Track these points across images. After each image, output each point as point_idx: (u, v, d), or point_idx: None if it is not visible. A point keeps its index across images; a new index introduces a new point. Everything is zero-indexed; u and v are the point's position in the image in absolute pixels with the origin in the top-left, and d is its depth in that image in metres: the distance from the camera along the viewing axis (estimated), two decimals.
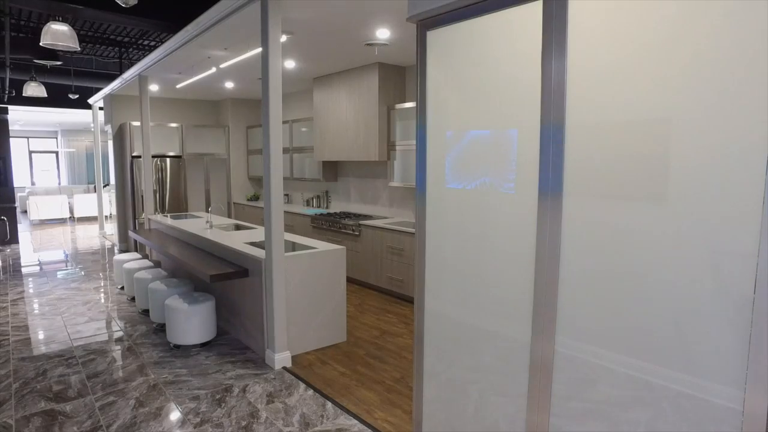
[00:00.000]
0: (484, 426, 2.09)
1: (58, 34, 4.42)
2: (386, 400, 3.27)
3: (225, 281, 4.52)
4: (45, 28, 4.40)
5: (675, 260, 1.45)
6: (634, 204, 1.53)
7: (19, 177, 15.56)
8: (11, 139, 9.96)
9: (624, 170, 1.55)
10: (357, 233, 6.08)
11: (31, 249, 9.13)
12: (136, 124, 8.14)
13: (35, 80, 7.98)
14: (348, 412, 3.12)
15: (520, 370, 1.91)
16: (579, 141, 1.66)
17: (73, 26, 6.46)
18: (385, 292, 5.85)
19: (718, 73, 1.34)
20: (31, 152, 17.33)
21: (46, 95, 8.05)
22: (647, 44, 1.47)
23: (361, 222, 6.00)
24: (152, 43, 8.49)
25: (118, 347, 4.24)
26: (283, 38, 4.64)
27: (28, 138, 17.17)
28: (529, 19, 1.76)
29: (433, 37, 2.15)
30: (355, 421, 3.00)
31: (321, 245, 4.38)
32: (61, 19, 4.60)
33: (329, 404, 3.22)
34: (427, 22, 2.15)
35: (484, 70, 1.98)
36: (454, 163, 2.13)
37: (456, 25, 2.05)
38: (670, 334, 1.47)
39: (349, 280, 6.32)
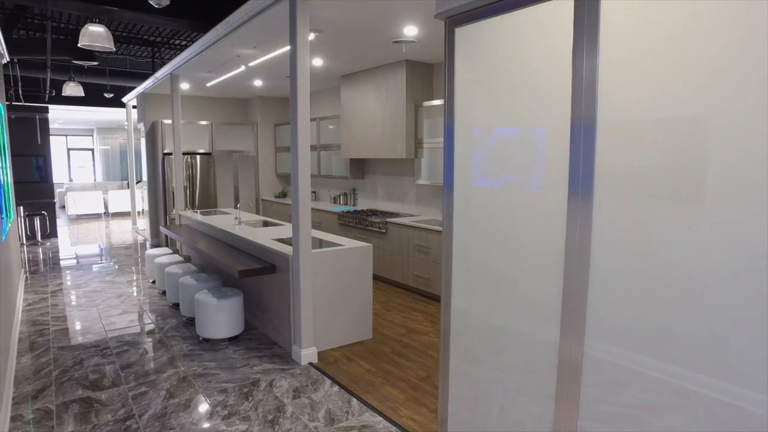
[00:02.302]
0: (510, 427, 2.07)
1: (95, 35, 4.56)
2: (411, 398, 3.27)
3: (253, 277, 4.59)
4: (83, 30, 4.55)
5: (710, 261, 1.40)
6: (667, 203, 1.49)
7: (58, 173, 16.11)
8: (51, 137, 10.32)
9: (657, 169, 1.51)
10: (384, 231, 6.09)
11: (69, 243, 9.45)
12: (168, 122, 8.33)
13: (73, 80, 8.25)
14: (373, 409, 3.13)
15: (548, 371, 1.88)
16: (611, 138, 1.62)
17: (108, 27, 6.65)
18: (412, 290, 5.85)
19: (755, 67, 1.28)
20: (69, 149, 17.93)
21: (83, 94, 8.31)
22: (681, 38, 1.43)
23: (388, 220, 6.01)
24: (183, 43, 8.67)
25: (150, 339, 4.35)
26: (312, 36, 4.67)
27: (66, 136, 17.77)
28: (560, 14, 1.73)
29: (462, 34, 2.13)
30: (380, 418, 3.01)
31: (348, 242, 4.41)
32: (97, 20, 4.74)
33: (354, 401, 3.24)
34: (456, 19, 2.13)
35: (513, 66, 1.95)
36: (481, 161, 2.11)
37: (485, 21, 2.03)
38: (705, 338, 1.43)
39: (376, 278, 6.34)
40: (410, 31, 4.52)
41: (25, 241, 9.44)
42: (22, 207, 9.36)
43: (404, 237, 5.77)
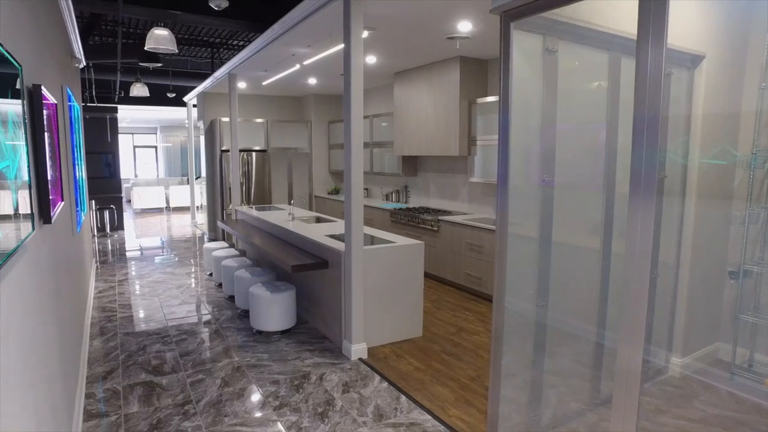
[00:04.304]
0: None
1: (159, 38, 4.79)
2: (461, 398, 3.24)
3: (305, 272, 4.68)
4: (149, 34, 4.78)
5: None
6: (737, 204, 1.40)
7: (125, 169, 17.04)
8: (119, 136, 10.93)
9: (723, 168, 1.41)
10: (435, 229, 6.05)
11: (134, 235, 9.99)
12: (226, 119, 8.62)
13: (140, 81, 8.69)
14: (422, 407, 3.12)
15: (605, 378, 1.81)
16: (678, 135, 1.53)
17: (172, 30, 6.96)
18: (463, 289, 5.79)
19: None
20: (134, 147, 18.92)
21: (148, 95, 8.75)
22: None
23: (440, 217, 5.97)
24: (241, 43, 8.94)
25: (206, 330, 4.53)
26: (365, 34, 4.69)
27: (132, 134, 18.76)
28: (622, 5, 1.65)
29: (517, 28, 2.08)
30: (429, 417, 3.00)
31: (399, 240, 4.41)
32: (162, 24, 4.97)
33: (403, 398, 3.24)
34: (511, 14, 2.08)
35: (571, 61, 1.89)
36: (538, 158, 2.06)
37: (541, 15, 1.97)
38: None
39: (427, 276, 6.31)
40: (464, 26, 4.46)
41: (95, 233, 10.05)
42: (93, 201, 9.97)
43: (456, 235, 5.72)
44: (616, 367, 1.76)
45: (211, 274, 6.55)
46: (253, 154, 8.87)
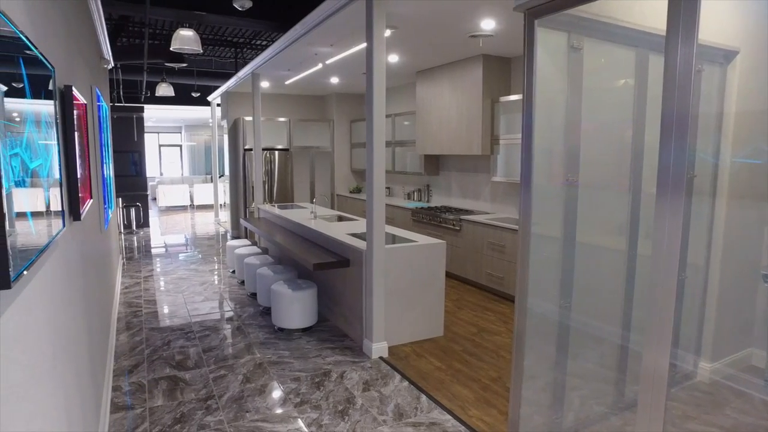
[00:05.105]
0: None
1: (185, 39, 4.87)
2: (481, 399, 3.22)
3: (327, 270, 4.71)
4: (174, 35, 4.87)
5: None
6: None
7: (151, 168, 17.37)
8: (145, 135, 11.15)
9: (763, 167, 1.37)
10: (457, 228, 6.02)
11: (159, 232, 10.18)
12: (249, 119, 8.71)
13: (165, 81, 8.85)
14: (442, 406, 3.11)
15: (630, 382, 1.78)
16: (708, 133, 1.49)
17: (196, 31, 7.07)
18: (484, 289, 5.75)
19: None
20: (160, 146, 19.28)
21: (173, 94, 8.90)
22: None
23: (462, 217, 5.94)
24: (264, 43, 9.02)
25: (229, 326, 4.59)
26: (387, 33, 4.69)
27: (158, 133, 19.11)
28: (650, 2, 1.61)
29: (542, 26, 2.05)
30: (449, 417, 2.99)
31: (421, 239, 4.40)
32: (187, 25, 5.06)
33: (423, 397, 3.23)
34: (535, 11, 2.06)
35: (597, 59, 1.85)
36: (562, 157, 2.03)
37: (566, 12, 1.94)
38: None
39: (448, 275, 6.28)
40: (487, 24, 4.42)
41: (122, 230, 10.27)
42: (120, 198, 10.20)
43: (478, 235, 5.68)
44: (642, 371, 1.72)
45: (233, 272, 6.64)
46: (276, 152, 8.95)
